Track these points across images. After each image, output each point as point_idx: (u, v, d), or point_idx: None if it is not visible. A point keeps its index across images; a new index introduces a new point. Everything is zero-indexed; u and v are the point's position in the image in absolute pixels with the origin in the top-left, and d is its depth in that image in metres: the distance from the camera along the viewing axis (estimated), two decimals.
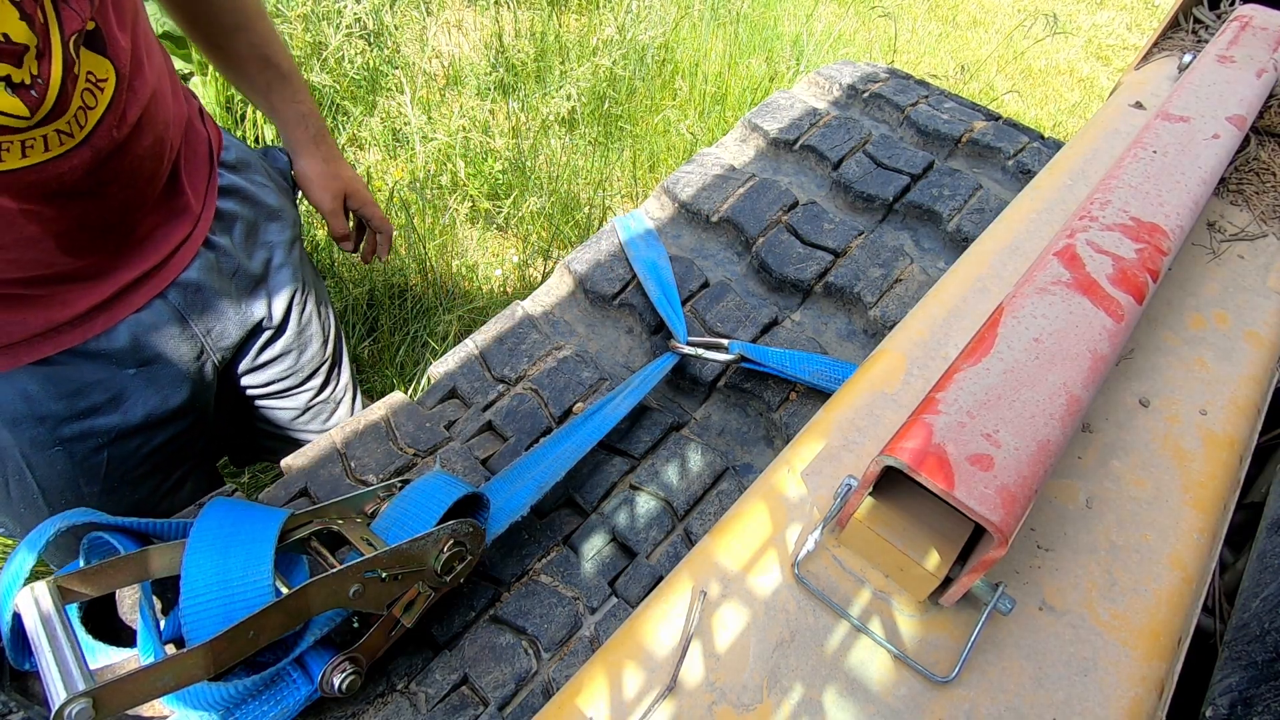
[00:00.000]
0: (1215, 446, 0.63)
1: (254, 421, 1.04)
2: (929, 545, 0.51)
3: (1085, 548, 0.57)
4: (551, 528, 0.74)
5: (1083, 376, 0.53)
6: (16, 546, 0.50)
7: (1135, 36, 4.49)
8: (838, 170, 1.10)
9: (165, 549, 0.51)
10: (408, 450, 0.79)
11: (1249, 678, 0.55)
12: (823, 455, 0.61)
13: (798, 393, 0.87)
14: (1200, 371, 0.68)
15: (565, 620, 0.66)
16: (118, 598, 0.62)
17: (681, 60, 2.83)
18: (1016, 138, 1.15)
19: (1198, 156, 0.73)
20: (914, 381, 0.66)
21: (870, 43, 3.68)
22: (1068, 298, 0.58)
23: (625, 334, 0.96)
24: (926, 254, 1.03)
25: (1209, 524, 0.58)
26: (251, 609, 0.46)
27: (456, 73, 2.59)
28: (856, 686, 0.50)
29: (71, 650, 0.42)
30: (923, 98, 1.25)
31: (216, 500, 0.54)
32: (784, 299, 0.99)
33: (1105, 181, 0.71)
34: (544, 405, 0.83)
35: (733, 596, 0.53)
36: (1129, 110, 0.97)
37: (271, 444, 1.07)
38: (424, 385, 0.90)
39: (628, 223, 1.03)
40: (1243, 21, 0.95)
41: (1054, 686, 0.50)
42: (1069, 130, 3.51)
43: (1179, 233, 0.66)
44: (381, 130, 2.33)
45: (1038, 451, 0.48)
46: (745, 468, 0.83)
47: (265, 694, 0.54)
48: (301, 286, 0.96)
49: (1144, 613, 0.53)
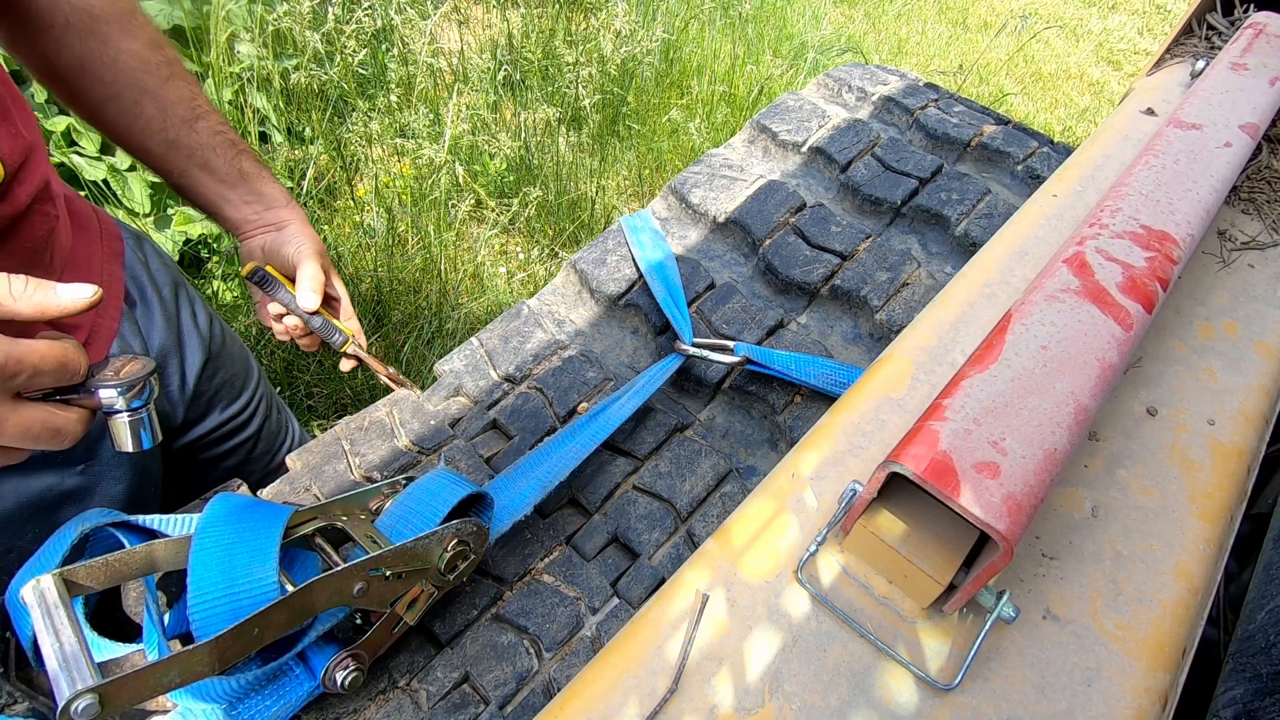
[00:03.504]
0: (1223, 457, 0.63)
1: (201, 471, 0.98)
2: (933, 552, 0.51)
3: (1090, 557, 0.56)
4: (554, 527, 0.74)
5: (1091, 385, 0.53)
6: (40, 549, 0.50)
7: (1147, 41, 4.47)
8: (846, 173, 1.10)
9: (171, 543, 0.51)
10: (412, 448, 0.79)
11: (1254, 690, 0.54)
12: (828, 460, 0.61)
13: (803, 396, 0.87)
14: (1209, 381, 0.68)
15: (567, 620, 0.67)
16: (122, 591, 0.62)
17: (689, 60, 2.82)
18: (1026, 142, 1.15)
19: (1209, 164, 0.73)
20: (920, 387, 0.66)
21: (879, 44, 3.67)
22: (1077, 305, 0.58)
23: (631, 334, 0.96)
24: (934, 258, 1.03)
25: (1215, 535, 0.58)
26: (257, 606, 0.47)
27: (464, 70, 2.59)
28: (859, 692, 0.50)
29: (78, 644, 0.42)
30: (932, 101, 1.24)
31: (221, 496, 0.54)
32: (790, 301, 0.98)
33: (1116, 188, 0.70)
34: (549, 404, 0.84)
35: (735, 600, 0.53)
36: (1140, 117, 0.96)
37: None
38: (429, 383, 0.90)
39: (634, 223, 1.03)
40: (1256, 29, 0.95)
41: (1057, 696, 0.50)
42: (1079, 135, 3.49)
43: (1190, 241, 0.65)
44: (387, 127, 2.33)
45: (1044, 460, 0.48)
46: (749, 470, 0.83)
47: (268, 689, 0.55)
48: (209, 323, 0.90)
49: (1149, 623, 0.53)
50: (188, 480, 0.94)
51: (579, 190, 2.36)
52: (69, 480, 0.72)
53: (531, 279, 2.19)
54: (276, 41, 2.15)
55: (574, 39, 2.68)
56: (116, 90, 0.73)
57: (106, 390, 0.50)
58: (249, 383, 0.98)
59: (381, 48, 2.48)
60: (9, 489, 0.68)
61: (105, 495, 0.76)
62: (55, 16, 0.69)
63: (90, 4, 0.70)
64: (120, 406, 0.51)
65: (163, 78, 0.75)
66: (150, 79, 0.74)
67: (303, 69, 2.13)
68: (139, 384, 0.51)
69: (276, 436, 1.06)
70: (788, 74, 3.01)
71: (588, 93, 2.52)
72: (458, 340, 1.92)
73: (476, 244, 2.21)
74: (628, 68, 2.65)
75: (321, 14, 2.21)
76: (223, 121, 0.80)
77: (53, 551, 0.50)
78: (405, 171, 2.24)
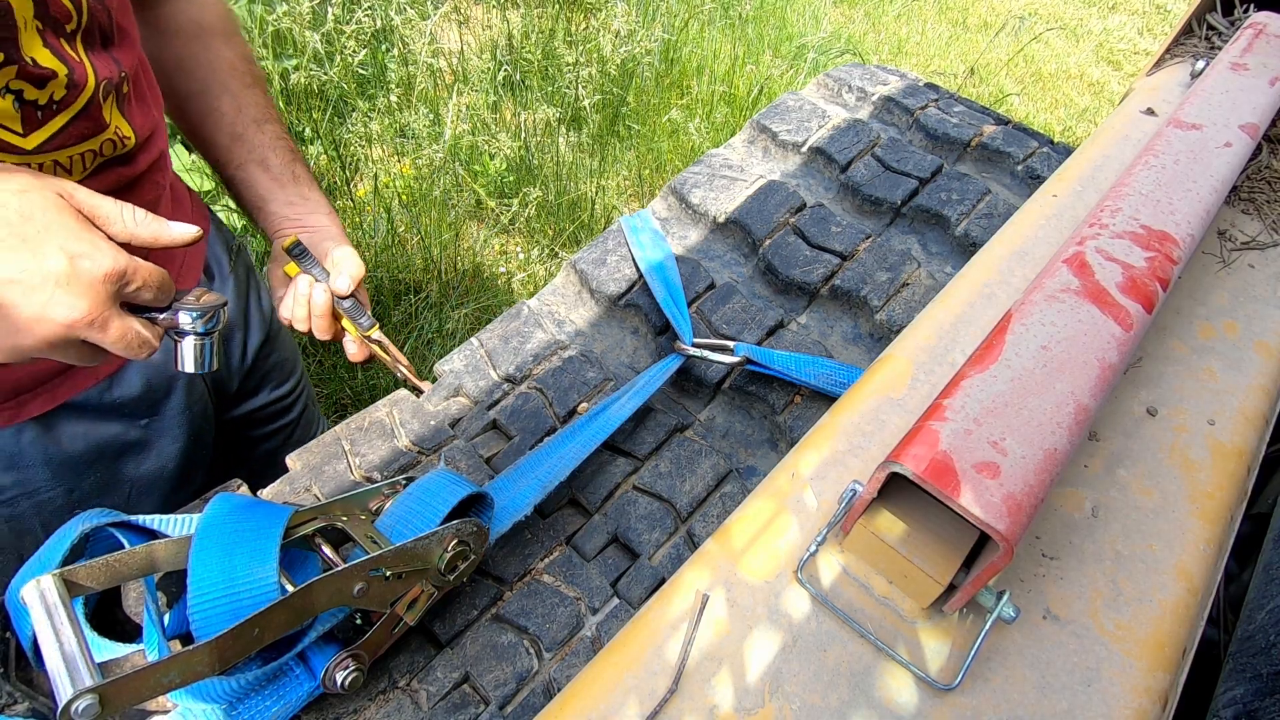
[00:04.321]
0: (1223, 457, 0.63)
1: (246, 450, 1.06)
2: (934, 552, 0.51)
3: (1090, 557, 0.56)
4: (554, 527, 0.74)
5: (1091, 385, 0.53)
6: (40, 548, 0.51)
7: (1147, 41, 4.47)
8: (846, 173, 1.10)
9: (171, 543, 0.51)
10: (412, 448, 0.79)
11: (1254, 690, 0.54)
12: (828, 460, 0.61)
13: (803, 396, 0.87)
14: (1209, 381, 0.68)
15: (567, 620, 0.67)
16: (122, 591, 0.62)
17: (689, 60, 2.82)
18: (1026, 142, 1.15)
19: (1209, 165, 0.73)
20: (920, 387, 0.66)
21: (879, 44, 3.67)
22: (1077, 306, 0.58)
23: (631, 334, 0.96)
24: (934, 258, 1.03)
25: (1215, 535, 0.58)
26: (257, 606, 0.47)
27: (464, 71, 2.59)
28: (859, 692, 0.50)
29: (78, 644, 0.42)
30: (932, 101, 1.24)
31: (222, 496, 0.54)
32: (790, 301, 0.98)
33: (1116, 188, 0.70)
34: (549, 405, 0.84)
35: (736, 600, 0.53)
36: (1140, 117, 0.96)
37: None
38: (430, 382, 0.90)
39: (634, 223, 1.03)
40: (1256, 29, 0.95)
41: (1057, 696, 0.50)
42: (1079, 135, 3.50)
43: (1190, 241, 0.65)
44: (387, 127, 2.33)
45: (1044, 460, 0.48)
46: (749, 470, 0.83)
47: (268, 689, 0.55)
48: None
49: (1149, 623, 0.53)
50: (231, 454, 1.02)
51: (579, 190, 2.36)
52: (133, 432, 0.80)
53: (531, 279, 2.19)
54: (276, 42, 2.15)
55: (574, 39, 2.69)
56: (204, 86, 0.82)
57: (185, 314, 0.57)
58: (295, 370, 1.07)
59: (381, 48, 2.48)
60: (81, 432, 0.76)
61: (162, 453, 0.84)
62: (170, 22, 0.80)
63: (203, 16, 0.82)
64: (195, 329, 0.58)
65: (245, 84, 0.84)
66: (235, 82, 0.83)
67: (302, 69, 2.13)
68: (211, 311, 0.59)
69: (311, 427, 1.14)
70: (788, 74, 3.01)
71: (587, 93, 2.52)
72: (458, 340, 1.92)
73: (476, 244, 2.21)
74: (627, 68, 2.65)
75: (321, 14, 2.21)
76: (286, 133, 0.87)
77: (53, 551, 0.50)
78: (405, 172, 2.24)
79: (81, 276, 0.49)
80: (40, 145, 0.61)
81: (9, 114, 0.57)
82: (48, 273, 0.48)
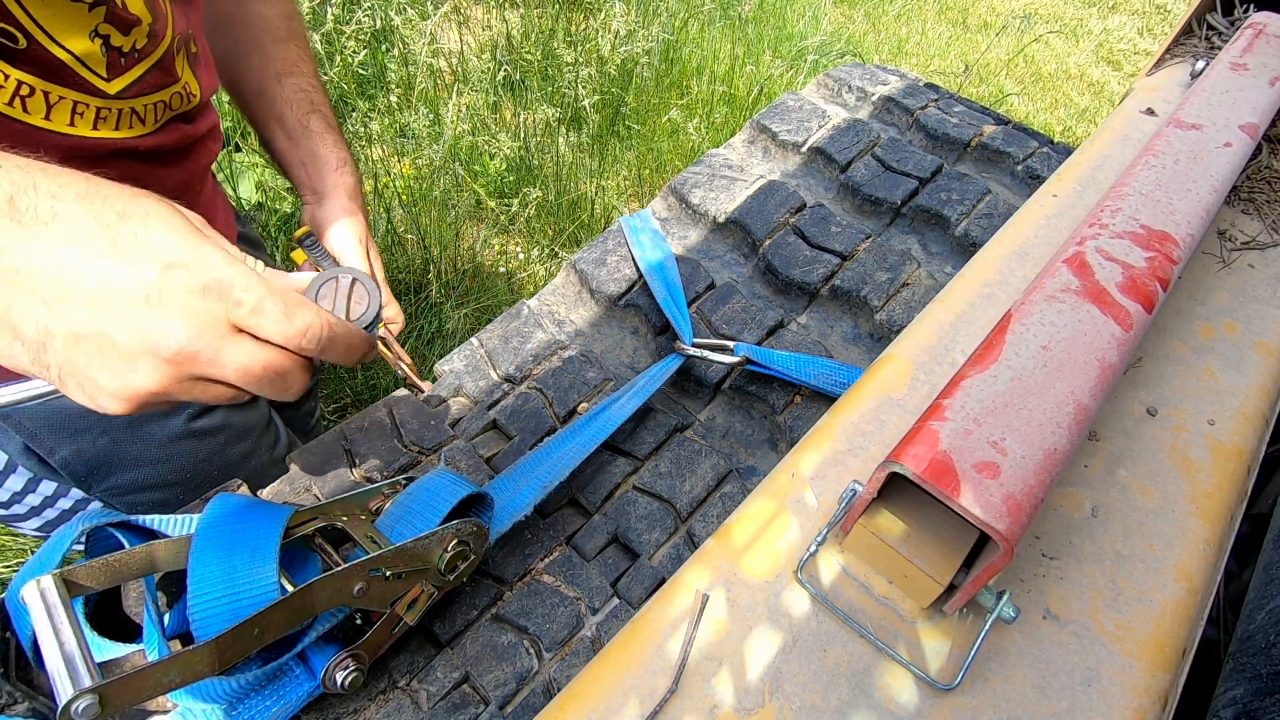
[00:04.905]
0: (1223, 457, 0.63)
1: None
2: (933, 552, 0.51)
3: (1090, 557, 0.56)
4: (554, 527, 0.74)
5: (1091, 385, 0.53)
6: (40, 548, 0.51)
7: (1147, 41, 4.47)
8: (846, 173, 1.10)
9: (171, 543, 0.51)
10: (412, 448, 0.79)
11: (1254, 690, 0.54)
12: (827, 459, 0.61)
13: (803, 396, 0.87)
14: (1209, 381, 0.68)
15: (567, 620, 0.67)
16: (122, 591, 0.62)
17: (689, 60, 2.82)
18: (1026, 143, 1.15)
19: (1209, 165, 0.73)
20: (920, 387, 0.66)
21: (879, 45, 3.67)
22: (1077, 306, 0.58)
23: (631, 334, 0.96)
24: (934, 258, 1.03)
25: (1215, 535, 0.58)
26: (257, 606, 0.47)
27: (464, 71, 2.59)
28: (858, 692, 0.50)
29: (78, 644, 0.42)
30: (932, 101, 1.24)
31: (221, 496, 0.54)
32: (790, 301, 0.98)
33: (1116, 188, 0.70)
34: (549, 405, 0.84)
35: (735, 600, 0.53)
36: (1140, 117, 0.96)
37: None
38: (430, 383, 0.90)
39: (634, 223, 1.03)
40: (1256, 29, 0.95)
41: (1057, 696, 0.50)
42: (1079, 135, 3.50)
43: (1190, 241, 0.65)
44: (387, 127, 2.33)
45: (1044, 460, 0.48)
46: (749, 470, 0.83)
47: (268, 689, 0.55)
48: None
49: (1149, 623, 0.53)
50: None
51: (579, 190, 2.36)
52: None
53: (531, 279, 2.19)
54: None
55: (573, 39, 2.68)
56: (238, 45, 0.81)
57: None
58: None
59: (381, 48, 2.48)
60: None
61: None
62: None
63: None
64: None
65: (278, 38, 0.82)
66: (267, 37, 0.81)
67: None
68: (374, 316, 0.57)
69: (310, 419, 1.17)
70: (787, 74, 3.01)
71: (587, 93, 2.52)
72: (458, 340, 1.92)
73: (476, 244, 2.21)
74: (627, 68, 2.65)
75: (321, 14, 2.21)
76: (314, 83, 0.84)
77: (53, 551, 0.50)
78: (405, 172, 2.24)
79: (176, 291, 0.40)
80: (121, 91, 0.61)
81: (96, 57, 0.57)
82: (134, 287, 0.39)
